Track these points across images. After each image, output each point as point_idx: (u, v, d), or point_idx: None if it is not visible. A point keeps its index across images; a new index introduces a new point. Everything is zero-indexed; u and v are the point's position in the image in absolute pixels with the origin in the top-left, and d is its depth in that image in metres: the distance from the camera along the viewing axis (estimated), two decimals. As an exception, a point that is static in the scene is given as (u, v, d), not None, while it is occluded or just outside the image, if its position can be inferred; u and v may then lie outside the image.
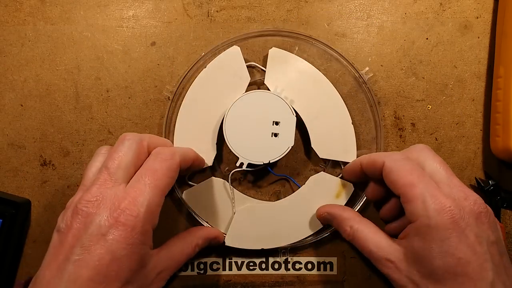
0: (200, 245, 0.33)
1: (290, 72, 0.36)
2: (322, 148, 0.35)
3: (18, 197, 0.37)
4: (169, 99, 0.37)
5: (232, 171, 0.36)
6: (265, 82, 0.35)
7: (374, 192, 0.32)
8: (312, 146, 0.35)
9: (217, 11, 0.38)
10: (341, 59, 0.37)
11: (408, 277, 0.26)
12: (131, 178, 0.27)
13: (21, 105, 0.38)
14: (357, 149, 0.36)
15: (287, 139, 0.34)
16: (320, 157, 0.35)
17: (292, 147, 0.33)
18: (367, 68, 0.37)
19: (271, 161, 0.33)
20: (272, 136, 0.34)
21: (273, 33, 0.37)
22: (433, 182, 0.26)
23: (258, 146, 0.33)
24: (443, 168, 0.28)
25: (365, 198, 0.35)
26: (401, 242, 0.28)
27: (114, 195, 0.26)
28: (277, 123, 0.34)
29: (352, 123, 0.36)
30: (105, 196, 0.26)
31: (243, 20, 0.38)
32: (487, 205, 0.27)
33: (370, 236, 0.29)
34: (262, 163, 0.34)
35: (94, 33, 0.38)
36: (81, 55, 0.38)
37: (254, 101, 0.34)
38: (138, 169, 0.28)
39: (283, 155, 0.33)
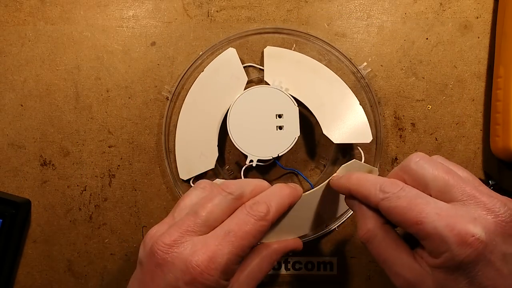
0: (277, 259, 0.30)
1: (287, 66, 0.36)
2: (335, 133, 0.34)
3: (18, 197, 0.37)
4: (168, 99, 0.37)
5: (244, 167, 0.35)
6: (264, 79, 0.35)
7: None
8: (324, 132, 0.34)
9: (217, 11, 0.38)
10: (339, 55, 0.37)
11: None
12: (218, 225, 0.26)
13: (21, 105, 0.38)
14: (351, 156, 0.36)
15: (293, 130, 0.33)
16: (334, 142, 0.34)
17: (298, 137, 0.33)
18: (365, 63, 0.37)
19: (280, 155, 0.33)
20: (277, 129, 0.34)
21: (271, 31, 0.37)
22: (443, 206, 0.23)
23: (264, 141, 0.33)
24: (449, 178, 0.24)
25: None
26: (425, 268, 0.24)
27: (192, 246, 0.24)
28: (280, 116, 0.34)
29: (360, 104, 0.35)
30: (184, 246, 0.24)
31: (243, 20, 0.38)
32: (510, 205, 0.23)
33: (391, 252, 0.25)
34: (271, 157, 0.34)
35: (94, 33, 0.38)
36: (81, 55, 0.38)
37: (255, 97, 0.34)
38: (228, 217, 0.26)
39: (290, 146, 0.33)
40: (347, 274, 0.37)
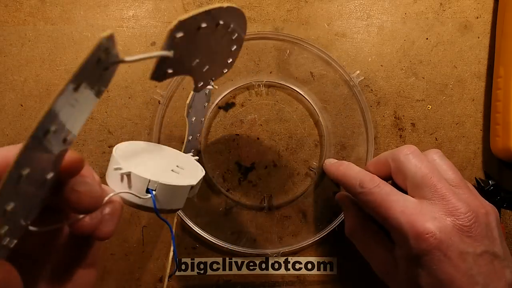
0: None
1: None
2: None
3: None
4: (159, 103, 0.37)
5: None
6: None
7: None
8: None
9: (217, 11, 0.38)
10: (332, 63, 0.37)
11: None
12: None
13: (21, 105, 0.38)
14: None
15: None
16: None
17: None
18: (357, 72, 0.37)
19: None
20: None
21: (264, 37, 0.37)
22: (410, 204, 0.26)
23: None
24: (426, 177, 0.26)
25: None
26: (396, 259, 0.28)
27: None
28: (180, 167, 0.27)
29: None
30: None
31: (243, 20, 0.38)
32: (479, 211, 0.25)
33: (369, 245, 0.30)
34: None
35: (94, 33, 0.38)
36: (81, 55, 0.38)
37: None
38: None
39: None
40: (347, 274, 0.37)
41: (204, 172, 0.28)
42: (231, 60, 0.28)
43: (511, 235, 0.37)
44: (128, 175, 0.23)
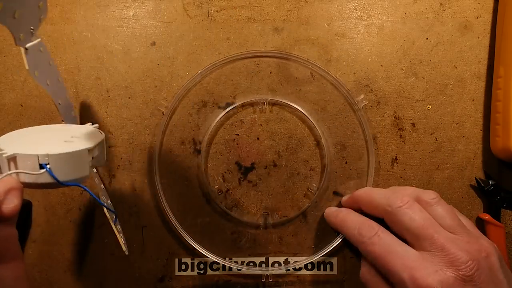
0: None
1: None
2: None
3: (22, 199, 0.37)
4: (163, 114, 0.37)
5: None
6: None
7: None
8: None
9: (217, 11, 0.38)
10: (339, 87, 0.37)
11: None
12: None
13: (21, 105, 0.38)
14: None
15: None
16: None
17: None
18: (362, 96, 0.36)
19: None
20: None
21: (263, 55, 0.37)
22: (411, 256, 0.25)
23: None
24: (423, 229, 0.26)
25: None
26: None
27: None
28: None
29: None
30: None
31: (243, 20, 0.38)
32: (479, 256, 0.25)
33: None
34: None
35: (94, 33, 0.38)
36: (81, 55, 0.38)
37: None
38: None
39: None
40: (347, 274, 0.37)
41: (103, 135, 0.27)
42: (41, 2, 0.27)
43: (511, 235, 0.37)
44: (14, 157, 0.22)
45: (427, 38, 0.37)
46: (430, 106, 0.37)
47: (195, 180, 0.37)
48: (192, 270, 0.37)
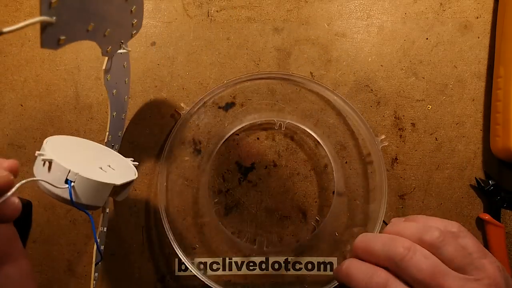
0: None
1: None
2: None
3: (18, 197, 0.37)
4: (180, 115, 0.36)
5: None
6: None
7: None
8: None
9: (217, 11, 0.38)
10: (356, 130, 0.36)
11: None
12: None
13: (21, 105, 0.38)
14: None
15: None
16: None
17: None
18: (383, 136, 0.36)
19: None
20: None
21: (274, 77, 0.37)
22: None
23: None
24: (423, 277, 0.24)
25: None
26: None
27: None
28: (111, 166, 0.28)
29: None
30: None
31: (243, 20, 0.38)
32: None
33: None
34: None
35: (94, 33, 0.38)
36: (81, 55, 0.38)
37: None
38: None
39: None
40: (347, 274, 0.37)
41: (136, 176, 0.27)
42: (136, 20, 0.27)
43: (511, 235, 0.37)
44: (50, 162, 0.23)
45: (427, 38, 0.37)
46: (430, 106, 0.37)
47: (195, 180, 0.37)
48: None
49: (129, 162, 0.30)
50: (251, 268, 0.37)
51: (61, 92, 0.38)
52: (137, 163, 0.30)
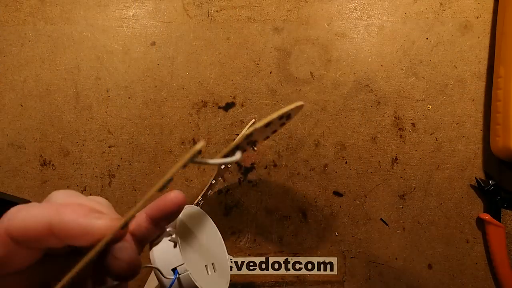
0: None
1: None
2: None
3: (18, 197, 0.37)
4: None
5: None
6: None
7: None
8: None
9: (217, 11, 0.38)
10: None
11: None
12: None
13: (21, 105, 0.38)
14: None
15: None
16: None
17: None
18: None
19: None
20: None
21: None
22: None
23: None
24: None
25: None
26: None
27: None
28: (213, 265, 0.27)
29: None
30: None
31: (243, 20, 0.38)
32: None
33: None
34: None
35: (94, 33, 0.38)
36: (81, 55, 0.38)
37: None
38: None
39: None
40: (347, 274, 0.37)
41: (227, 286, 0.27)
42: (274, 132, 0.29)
43: (511, 235, 0.37)
44: (176, 246, 0.23)
45: (427, 38, 0.37)
46: (430, 106, 0.37)
47: (195, 180, 0.37)
48: (192, 270, 0.37)
49: (228, 263, 0.29)
50: (251, 268, 0.37)
51: (61, 92, 0.38)
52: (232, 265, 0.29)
